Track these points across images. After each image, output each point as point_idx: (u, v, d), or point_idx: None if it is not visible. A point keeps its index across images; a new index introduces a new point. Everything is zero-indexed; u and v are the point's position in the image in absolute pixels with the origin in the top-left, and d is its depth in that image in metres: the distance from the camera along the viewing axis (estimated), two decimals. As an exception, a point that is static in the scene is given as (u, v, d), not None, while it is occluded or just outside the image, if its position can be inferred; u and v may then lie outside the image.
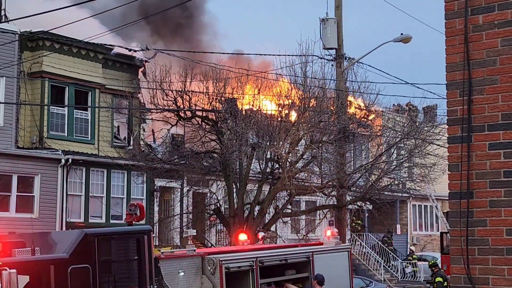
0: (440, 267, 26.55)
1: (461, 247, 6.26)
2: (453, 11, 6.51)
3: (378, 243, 38.65)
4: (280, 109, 25.12)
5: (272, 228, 29.05)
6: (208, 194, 29.22)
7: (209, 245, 31.24)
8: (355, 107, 27.08)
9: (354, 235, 38.36)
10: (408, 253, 40.07)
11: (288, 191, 25.09)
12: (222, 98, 25.19)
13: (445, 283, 24.19)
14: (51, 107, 28.19)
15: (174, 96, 25.23)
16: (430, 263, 26.30)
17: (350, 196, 27.34)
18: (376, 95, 26.43)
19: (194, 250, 14.28)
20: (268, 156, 25.19)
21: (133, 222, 13.57)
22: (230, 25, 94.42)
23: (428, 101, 56.09)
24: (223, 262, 14.04)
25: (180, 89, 25.17)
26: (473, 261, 6.22)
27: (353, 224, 38.48)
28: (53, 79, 28.24)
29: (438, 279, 24.74)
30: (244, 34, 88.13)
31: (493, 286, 6.12)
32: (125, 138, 31.38)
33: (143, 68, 31.18)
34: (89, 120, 29.73)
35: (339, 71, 26.36)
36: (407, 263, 38.04)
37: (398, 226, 43.33)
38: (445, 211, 36.75)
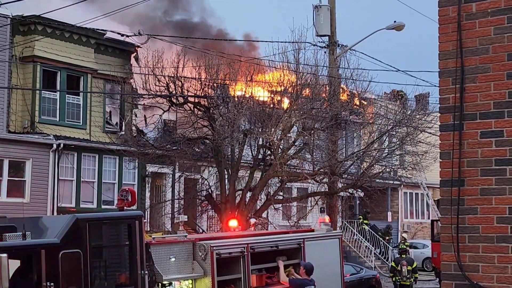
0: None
1: (452, 235, 6.28)
2: (446, -2, 6.50)
3: (369, 230, 38.74)
4: (272, 95, 25.08)
5: (264, 215, 29.07)
6: (200, 180, 29.19)
7: (201, 231, 31.27)
8: (348, 94, 27.06)
9: (345, 222, 38.42)
10: (399, 240, 40.14)
11: (280, 177, 25.08)
12: (215, 84, 25.14)
13: (398, 267, 24.97)
14: (42, 91, 28.10)
15: (166, 82, 25.16)
16: (400, 247, 26.75)
17: (342, 183, 27.38)
18: (368, 82, 26.48)
19: (185, 236, 14.27)
20: (260, 143, 25.18)
21: (125, 207, 13.53)
22: (222, 11, 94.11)
23: (421, 89, 56.27)
24: (214, 248, 14.04)
25: (173, 75, 25.09)
26: (463, 248, 6.25)
27: (361, 223, 38.50)
28: (45, 64, 28.14)
29: (392, 263, 25.45)
30: (236, 20, 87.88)
31: (483, 273, 6.14)
32: (117, 123, 31.31)
33: (135, 53, 31.08)
34: (81, 105, 29.65)
35: (332, 58, 26.35)
36: (399, 250, 38.10)
37: (389, 213, 43.44)
38: (436, 199, 36.75)
